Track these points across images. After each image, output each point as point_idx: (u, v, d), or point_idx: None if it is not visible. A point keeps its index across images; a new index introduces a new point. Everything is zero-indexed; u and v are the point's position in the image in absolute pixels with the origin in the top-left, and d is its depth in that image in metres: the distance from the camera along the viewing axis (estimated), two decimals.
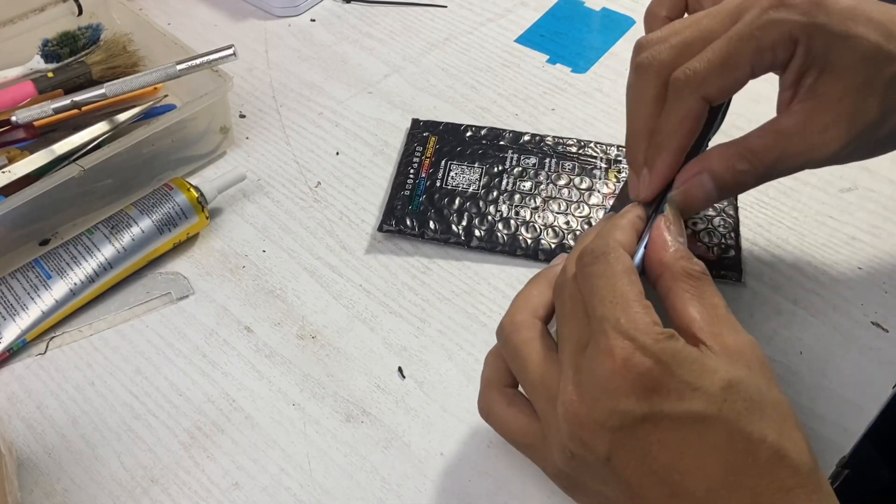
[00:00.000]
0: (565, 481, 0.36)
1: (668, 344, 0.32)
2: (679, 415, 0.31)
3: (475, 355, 0.47)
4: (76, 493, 0.42)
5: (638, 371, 0.31)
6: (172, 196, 0.52)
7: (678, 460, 0.31)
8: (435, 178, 0.55)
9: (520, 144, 0.57)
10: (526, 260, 0.51)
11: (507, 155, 0.56)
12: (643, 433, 0.32)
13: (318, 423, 0.45)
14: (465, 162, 0.56)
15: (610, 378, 0.32)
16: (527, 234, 0.51)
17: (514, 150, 0.56)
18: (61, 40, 0.61)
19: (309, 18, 0.70)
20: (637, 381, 0.31)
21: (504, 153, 0.56)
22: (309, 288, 0.51)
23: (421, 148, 0.57)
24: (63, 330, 0.49)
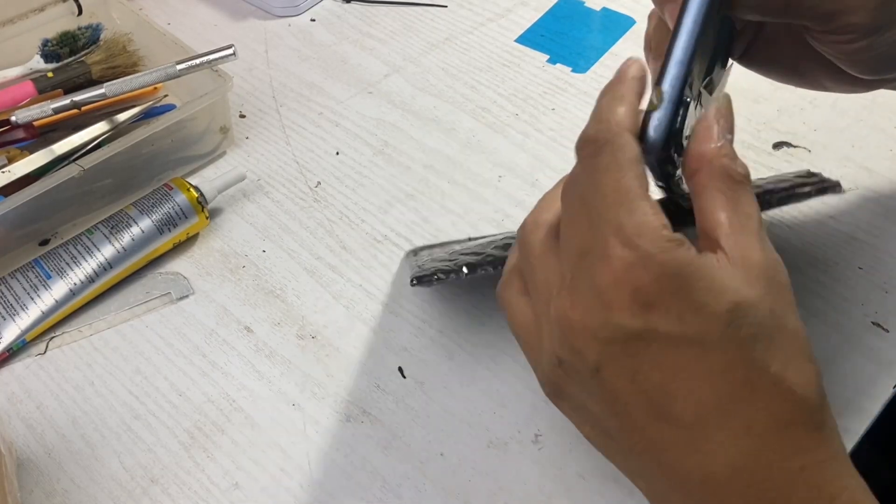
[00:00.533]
0: (551, 388, 0.34)
1: (675, 254, 0.29)
2: (676, 336, 0.29)
3: (475, 355, 0.47)
4: (76, 493, 0.42)
5: (637, 284, 0.29)
6: (172, 196, 0.52)
7: (669, 382, 0.30)
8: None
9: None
10: None
11: None
12: (635, 350, 0.30)
13: (318, 423, 0.45)
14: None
15: (607, 288, 0.30)
16: None
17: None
18: (61, 40, 0.61)
19: (309, 18, 0.70)
20: (635, 294, 0.29)
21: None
22: (309, 288, 0.51)
23: None
24: (63, 330, 0.49)
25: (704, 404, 0.30)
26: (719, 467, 0.30)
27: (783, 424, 0.30)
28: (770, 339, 0.30)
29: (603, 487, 0.42)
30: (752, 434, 0.30)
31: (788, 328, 0.30)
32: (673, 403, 0.30)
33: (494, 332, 0.48)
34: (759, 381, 0.30)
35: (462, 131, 0.60)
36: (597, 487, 0.42)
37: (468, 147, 0.59)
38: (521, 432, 0.44)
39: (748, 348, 0.29)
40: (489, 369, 0.46)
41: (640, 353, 0.30)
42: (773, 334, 0.30)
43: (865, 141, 0.56)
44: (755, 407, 0.30)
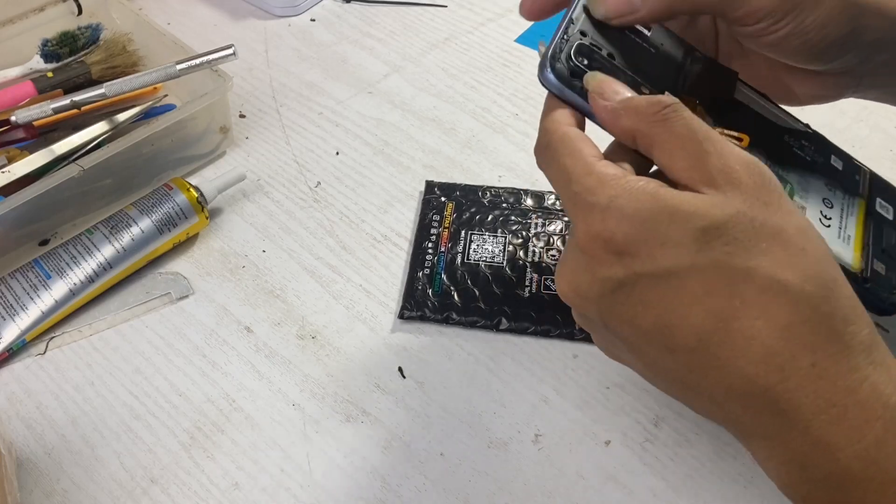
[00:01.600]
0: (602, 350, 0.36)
1: (632, 197, 0.31)
2: (652, 272, 0.30)
3: (475, 355, 0.47)
4: (76, 493, 0.42)
5: (605, 236, 0.31)
6: (172, 196, 0.52)
7: (664, 316, 0.31)
8: (455, 251, 0.51)
9: (544, 208, 0.53)
10: (561, 340, 0.47)
11: (530, 220, 0.52)
12: (624, 297, 0.31)
13: (318, 423, 0.45)
14: (487, 231, 0.51)
15: (584, 250, 0.32)
16: (559, 313, 0.48)
17: (539, 215, 0.53)
18: (61, 40, 0.61)
19: (309, 18, 0.70)
20: (607, 246, 0.31)
21: (528, 219, 0.52)
22: (309, 288, 0.51)
23: (438, 217, 0.53)
24: (63, 330, 0.49)
25: (702, 327, 0.30)
26: (734, 379, 0.30)
27: (782, 326, 0.30)
28: (750, 248, 0.30)
29: (603, 487, 0.42)
30: (754, 343, 0.30)
31: (772, 229, 0.30)
32: (673, 335, 0.31)
33: (494, 333, 0.48)
34: (746, 291, 0.30)
35: (462, 131, 0.60)
36: (597, 487, 0.42)
37: (468, 147, 0.59)
38: (521, 432, 0.44)
39: (726, 265, 0.30)
40: (489, 369, 0.46)
41: (630, 298, 0.31)
42: (753, 241, 0.30)
43: (865, 141, 0.56)
44: (750, 316, 0.30)
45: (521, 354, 0.47)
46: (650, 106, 0.33)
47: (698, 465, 0.42)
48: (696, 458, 0.43)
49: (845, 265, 0.37)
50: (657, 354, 0.32)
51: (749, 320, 0.30)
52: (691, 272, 0.30)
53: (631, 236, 0.31)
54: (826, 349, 0.29)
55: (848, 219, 0.38)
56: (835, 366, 0.29)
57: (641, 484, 0.42)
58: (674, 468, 0.42)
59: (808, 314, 0.30)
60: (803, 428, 0.29)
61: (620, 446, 0.43)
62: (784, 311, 0.30)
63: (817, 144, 0.40)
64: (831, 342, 0.30)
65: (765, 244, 0.30)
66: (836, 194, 0.39)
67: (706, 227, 0.30)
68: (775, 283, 0.30)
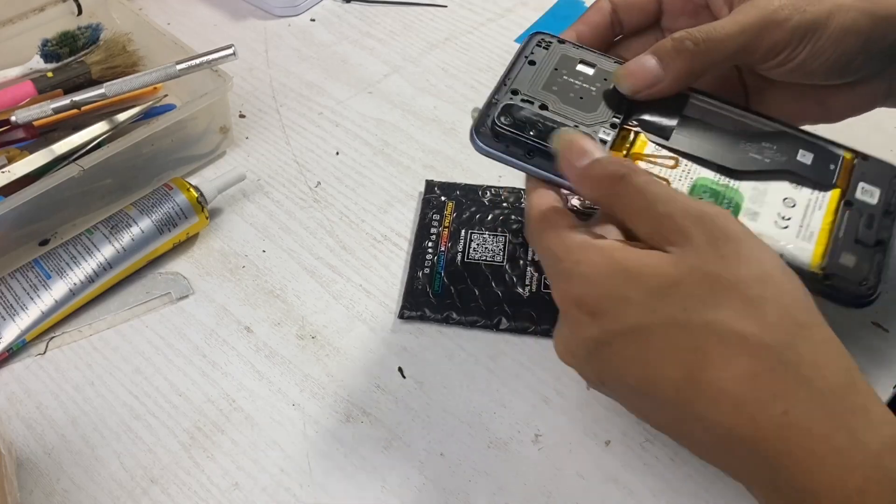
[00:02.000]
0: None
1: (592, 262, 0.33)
2: (621, 330, 0.32)
3: (475, 355, 0.47)
4: (76, 493, 0.42)
5: (575, 301, 0.33)
6: (172, 196, 0.52)
7: (643, 370, 0.32)
8: (455, 250, 0.51)
9: None
10: None
11: None
12: (607, 354, 0.33)
13: (318, 423, 0.45)
14: (487, 230, 0.51)
15: (563, 314, 0.34)
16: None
17: None
18: (61, 40, 0.60)
19: (309, 18, 0.70)
20: (579, 309, 0.33)
21: None
22: (309, 288, 0.51)
23: (438, 216, 0.53)
24: (63, 330, 0.49)
25: (675, 380, 0.31)
26: (715, 429, 0.31)
27: (748, 376, 0.30)
28: (707, 302, 0.30)
29: (603, 487, 0.42)
30: (723, 395, 0.30)
31: (728, 281, 0.31)
32: (655, 388, 0.32)
33: (494, 333, 0.48)
34: (707, 345, 0.30)
35: (462, 131, 0.60)
36: (597, 487, 0.42)
37: (468, 147, 0.59)
38: (521, 432, 0.44)
39: (685, 320, 0.31)
40: (489, 369, 0.46)
41: (612, 356, 0.33)
42: (709, 296, 0.30)
43: (865, 141, 0.56)
44: (715, 368, 0.30)
45: (521, 354, 0.47)
46: (605, 178, 0.35)
47: (698, 465, 0.42)
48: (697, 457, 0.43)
49: (801, 266, 0.36)
50: (650, 407, 0.33)
51: (715, 372, 0.30)
52: (654, 328, 0.31)
53: (596, 297, 0.32)
54: (796, 396, 0.29)
55: (813, 214, 0.38)
56: (807, 413, 0.29)
57: (641, 484, 0.42)
58: (674, 468, 0.42)
59: (771, 363, 0.30)
60: (788, 476, 0.29)
61: (620, 446, 0.43)
62: (747, 362, 0.30)
63: (782, 143, 0.39)
64: (801, 388, 0.29)
65: (722, 297, 0.30)
66: (802, 191, 0.38)
67: (660, 286, 0.31)
68: (735, 335, 0.30)
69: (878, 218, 0.37)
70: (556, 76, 0.41)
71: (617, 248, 0.33)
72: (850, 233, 0.37)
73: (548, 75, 0.41)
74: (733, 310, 0.30)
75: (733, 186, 0.38)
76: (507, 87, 0.41)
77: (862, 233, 0.37)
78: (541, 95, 0.40)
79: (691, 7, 0.43)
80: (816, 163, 0.39)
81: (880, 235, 0.37)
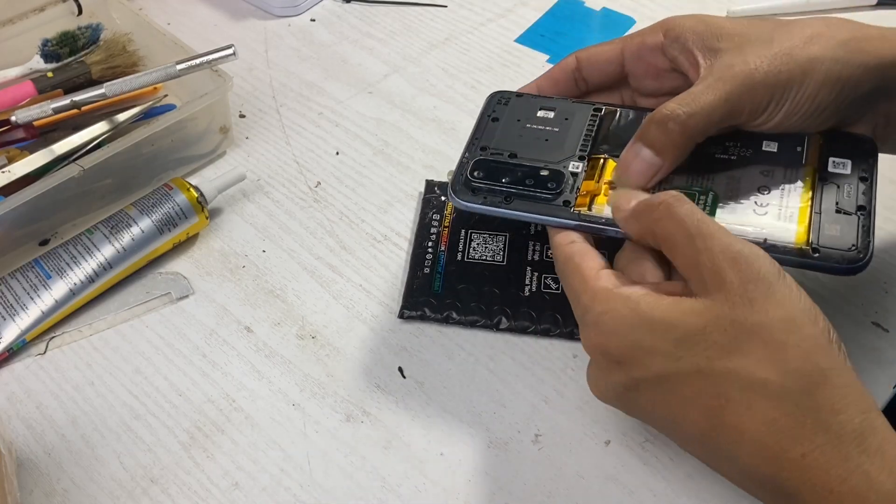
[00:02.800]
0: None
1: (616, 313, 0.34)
2: (647, 378, 0.34)
3: (475, 355, 0.47)
4: (76, 493, 0.42)
5: (601, 351, 0.35)
6: (172, 196, 0.52)
7: (670, 413, 0.34)
8: (455, 250, 0.50)
9: None
10: (561, 339, 0.47)
11: None
12: (635, 397, 0.35)
13: (318, 423, 0.45)
14: (487, 229, 0.51)
15: (592, 360, 0.37)
16: (559, 312, 0.47)
17: None
18: (61, 40, 0.60)
19: (309, 18, 0.70)
20: (606, 356, 0.35)
21: None
22: (309, 288, 0.51)
23: (438, 216, 0.53)
24: (63, 330, 0.49)
25: (700, 424, 0.33)
26: (740, 467, 0.33)
27: (768, 421, 0.31)
28: (731, 350, 0.32)
29: (603, 487, 0.42)
30: (745, 437, 0.32)
31: (753, 326, 0.32)
32: (681, 429, 0.35)
33: (494, 333, 0.48)
34: (729, 391, 0.32)
35: (462, 131, 0.60)
36: (597, 487, 0.42)
37: None
38: (521, 432, 0.44)
39: (708, 368, 0.32)
40: (489, 369, 0.46)
41: (640, 399, 0.35)
42: (733, 343, 0.32)
43: None
44: (737, 413, 0.32)
45: (521, 354, 0.47)
46: (648, 209, 0.36)
47: (698, 465, 0.42)
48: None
49: (787, 245, 0.37)
50: (681, 442, 0.36)
51: (737, 416, 0.32)
52: (679, 377, 0.33)
53: (622, 348, 0.34)
54: (814, 440, 0.31)
55: (790, 196, 0.39)
56: (824, 456, 0.30)
57: (641, 484, 0.42)
58: (674, 468, 0.42)
59: (790, 408, 0.31)
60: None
61: (620, 446, 0.43)
62: (767, 407, 0.31)
63: (744, 139, 0.41)
64: (819, 433, 0.31)
65: (745, 344, 0.32)
66: (774, 177, 0.40)
67: (683, 336, 0.32)
68: (756, 382, 0.31)
69: (856, 186, 0.39)
70: (520, 126, 0.44)
71: (643, 299, 0.34)
72: (830, 205, 0.38)
73: (512, 127, 0.44)
74: (755, 357, 0.31)
75: (706, 187, 0.40)
76: (476, 145, 0.43)
77: (842, 202, 0.38)
78: (508, 146, 0.43)
79: (654, 71, 0.44)
80: (782, 148, 0.41)
81: (860, 202, 0.38)
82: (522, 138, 0.44)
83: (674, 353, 0.32)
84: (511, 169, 0.42)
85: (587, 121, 0.44)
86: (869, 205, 0.38)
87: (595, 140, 0.43)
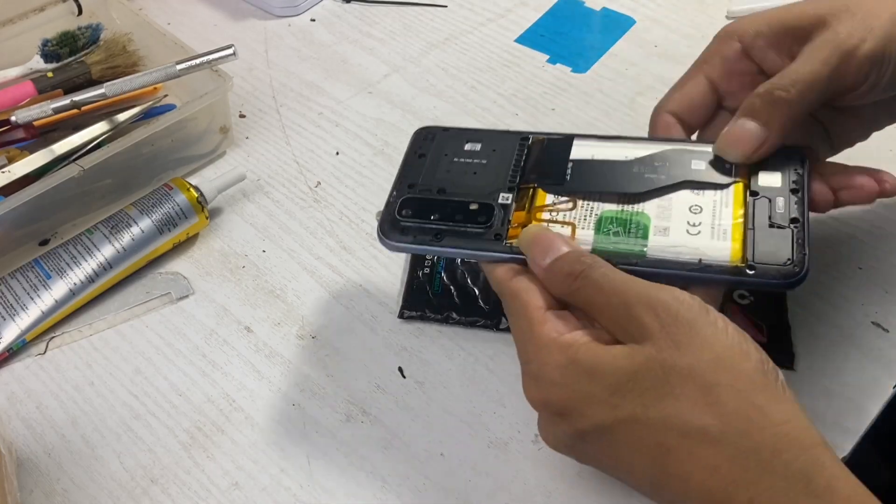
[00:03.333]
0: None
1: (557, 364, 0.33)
2: (589, 429, 0.33)
3: (475, 355, 0.47)
4: (76, 493, 0.42)
5: (543, 404, 0.35)
6: (172, 196, 0.52)
7: (618, 462, 0.33)
8: None
9: None
10: None
11: None
12: (582, 447, 0.35)
13: (318, 423, 0.45)
14: None
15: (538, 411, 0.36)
16: None
17: None
18: (61, 40, 0.61)
19: (309, 18, 0.70)
20: (548, 410, 0.35)
21: None
22: (309, 288, 0.51)
23: None
24: (63, 330, 0.49)
25: (648, 472, 0.32)
26: None
27: (711, 468, 0.30)
28: (663, 395, 0.31)
29: (603, 487, 0.42)
30: (691, 484, 0.31)
31: (683, 369, 0.31)
32: (632, 477, 0.34)
33: (494, 332, 0.48)
34: (668, 439, 0.31)
35: None
36: (597, 487, 0.42)
37: None
38: (521, 432, 0.44)
39: (643, 417, 0.31)
40: (489, 369, 0.46)
41: (587, 448, 0.34)
42: (665, 387, 0.31)
43: (866, 141, 0.56)
44: (679, 461, 0.31)
45: None
46: (566, 277, 0.35)
47: None
48: None
49: (721, 264, 0.36)
50: (637, 488, 0.35)
51: (679, 465, 0.31)
52: (618, 426, 0.32)
53: (563, 400, 0.34)
54: (759, 484, 0.29)
55: (722, 212, 0.38)
56: (771, 500, 0.29)
57: None
58: None
59: (731, 452, 0.30)
60: None
61: None
62: (708, 454, 0.30)
63: (672, 158, 0.41)
64: (764, 476, 0.30)
65: (677, 388, 0.31)
66: (705, 195, 0.39)
67: (618, 382, 0.32)
68: (692, 429, 0.31)
69: (787, 198, 0.38)
70: (448, 161, 0.43)
71: (581, 347, 0.33)
72: (763, 219, 0.38)
73: (439, 163, 0.43)
74: (689, 401, 0.31)
75: (638, 209, 0.39)
76: (404, 183, 0.43)
77: (774, 216, 0.38)
78: (436, 182, 0.42)
79: (748, 80, 0.42)
80: (711, 165, 0.40)
81: (793, 214, 0.37)
82: (450, 173, 0.43)
83: (610, 401, 0.32)
84: (440, 205, 0.41)
85: (515, 151, 0.43)
86: (803, 216, 0.37)
87: (524, 170, 0.42)
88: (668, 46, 0.65)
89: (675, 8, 0.68)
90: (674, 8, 0.68)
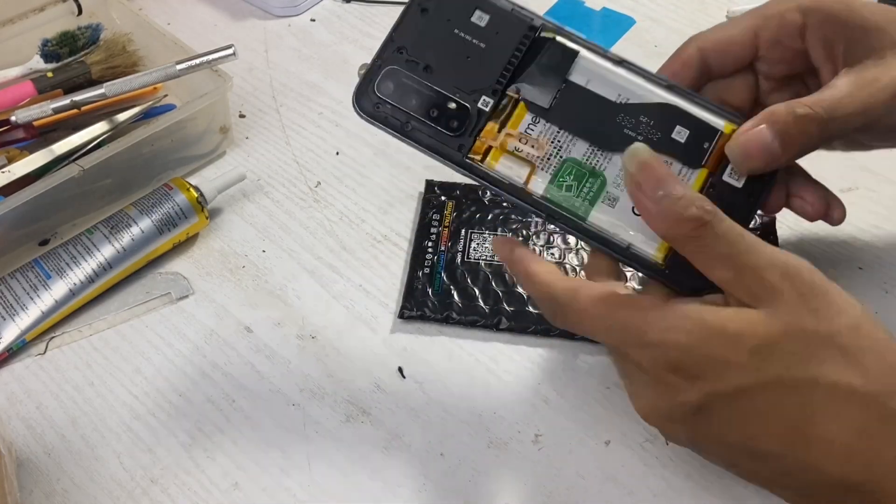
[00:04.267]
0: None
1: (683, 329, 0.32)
2: (724, 392, 0.32)
3: (475, 356, 0.47)
4: (76, 493, 0.42)
5: (670, 368, 0.32)
6: (172, 196, 0.52)
7: (747, 429, 0.32)
8: (455, 250, 0.50)
9: None
10: (561, 339, 0.47)
11: (531, 219, 0.52)
12: (706, 417, 0.33)
13: (318, 423, 0.45)
14: (487, 230, 0.51)
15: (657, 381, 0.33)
16: None
17: None
18: (61, 40, 0.60)
19: (309, 18, 0.70)
20: (676, 375, 0.32)
21: (528, 217, 0.52)
22: (309, 288, 0.51)
23: (438, 216, 0.53)
24: (63, 330, 0.49)
25: (783, 436, 0.32)
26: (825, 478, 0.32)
27: (858, 428, 0.31)
28: (808, 359, 0.31)
29: (603, 487, 0.42)
30: (835, 445, 0.31)
31: (825, 335, 0.31)
32: (759, 445, 0.32)
33: (494, 332, 0.48)
34: (814, 400, 0.31)
35: None
36: (597, 487, 0.42)
37: None
38: (521, 432, 0.44)
39: (788, 377, 0.31)
40: (489, 369, 0.46)
41: (712, 418, 0.33)
42: (809, 352, 0.31)
43: None
44: (824, 422, 0.31)
45: (520, 354, 0.47)
46: (685, 221, 0.33)
47: (698, 465, 0.42)
48: (696, 457, 0.42)
49: (646, 257, 0.35)
50: (748, 463, 0.34)
51: (824, 426, 0.31)
52: (758, 388, 0.31)
53: (695, 362, 0.32)
54: None
55: None
56: None
57: (641, 484, 0.42)
58: (674, 468, 0.42)
59: (880, 411, 0.31)
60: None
61: (620, 446, 0.43)
62: (856, 413, 0.31)
63: (661, 118, 0.37)
64: None
65: (821, 352, 0.31)
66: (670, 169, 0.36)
67: (759, 346, 0.31)
68: (840, 389, 0.31)
69: (742, 201, 0.36)
70: (448, 29, 0.38)
71: (706, 311, 0.32)
72: None
73: (439, 27, 0.38)
74: (835, 364, 0.31)
75: (599, 169, 0.37)
76: (394, 45, 0.38)
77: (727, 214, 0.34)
78: (427, 54, 0.38)
79: (791, 55, 0.40)
80: (690, 141, 0.37)
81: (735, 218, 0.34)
82: (445, 47, 0.38)
83: (750, 363, 0.31)
84: (420, 91, 0.37)
85: (517, 43, 0.38)
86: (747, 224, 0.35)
87: (517, 70, 0.38)
88: (668, 46, 0.64)
89: (675, 8, 0.68)
90: (674, 8, 0.68)
